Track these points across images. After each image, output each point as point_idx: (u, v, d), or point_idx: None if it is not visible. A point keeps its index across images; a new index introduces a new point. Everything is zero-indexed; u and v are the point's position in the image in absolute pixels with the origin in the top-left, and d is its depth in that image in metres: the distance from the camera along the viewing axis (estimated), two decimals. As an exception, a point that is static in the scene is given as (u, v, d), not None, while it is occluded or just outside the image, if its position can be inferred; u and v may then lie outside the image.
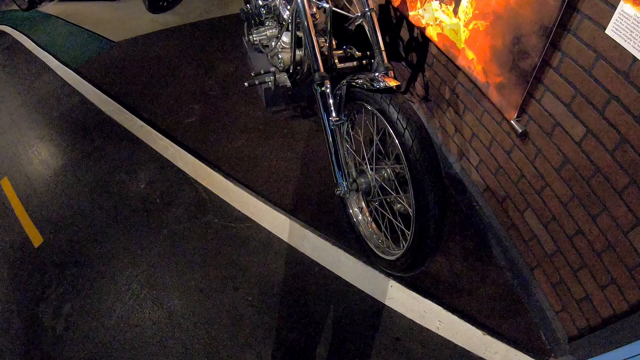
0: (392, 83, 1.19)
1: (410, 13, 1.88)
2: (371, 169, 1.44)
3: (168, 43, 3.05)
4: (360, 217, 1.64)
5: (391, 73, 1.41)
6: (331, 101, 1.37)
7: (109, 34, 3.26)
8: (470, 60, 1.58)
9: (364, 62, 1.94)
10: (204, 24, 3.27)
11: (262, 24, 2.23)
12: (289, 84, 1.94)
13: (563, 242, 1.31)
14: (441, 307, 1.47)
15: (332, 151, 1.39)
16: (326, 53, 1.87)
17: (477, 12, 1.48)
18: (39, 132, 2.39)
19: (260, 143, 2.11)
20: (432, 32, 1.75)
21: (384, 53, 1.43)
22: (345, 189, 1.40)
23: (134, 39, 3.14)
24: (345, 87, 1.33)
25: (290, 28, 1.74)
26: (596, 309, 1.21)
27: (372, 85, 1.21)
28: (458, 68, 1.69)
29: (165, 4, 3.38)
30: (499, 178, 1.63)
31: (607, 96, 1.04)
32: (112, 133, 2.25)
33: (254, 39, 2.25)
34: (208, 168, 2.01)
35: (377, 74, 1.28)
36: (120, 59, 2.93)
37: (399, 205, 1.42)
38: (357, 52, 1.88)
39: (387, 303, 1.49)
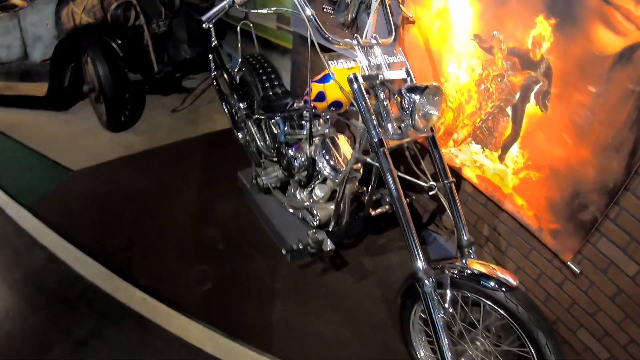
0: (514, 280, 1.20)
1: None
2: (474, 348, 1.39)
3: (141, 174, 2.66)
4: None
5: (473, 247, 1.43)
6: (436, 298, 1.25)
7: (63, 159, 2.73)
8: (520, 205, 1.68)
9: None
10: (177, 148, 2.96)
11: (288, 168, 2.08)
12: (332, 246, 1.80)
13: (616, 350, 1.47)
14: None
15: (444, 348, 1.24)
16: (365, 202, 1.83)
17: (529, 163, 1.60)
18: (2, 303, 1.79)
19: (300, 308, 1.85)
20: (469, 173, 1.83)
21: (466, 227, 1.42)
22: None
23: (96, 167, 2.68)
24: (448, 279, 1.27)
25: (338, 188, 1.66)
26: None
27: (489, 282, 1.20)
28: (501, 209, 1.77)
29: (123, 119, 3.00)
30: (549, 305, 1.72)
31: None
32: (106, 309, 1.76)
33: (263, 182, 2.10)
34: (250, 351, 1.65)
35: (466, 260, 1.29)
36: (85, 196, 2.44)
37: None
38: None
39: None
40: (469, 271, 1.24)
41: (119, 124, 3.00)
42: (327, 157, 1.73)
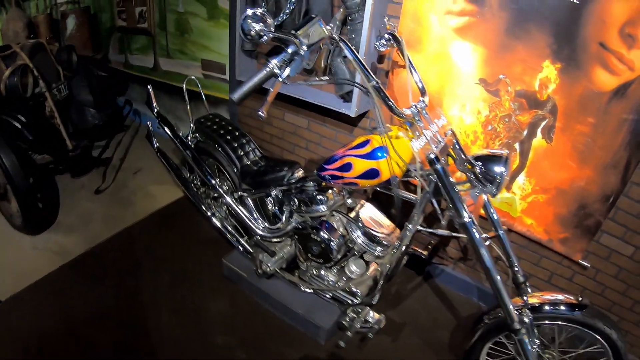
0: (584, 300, 1.36)
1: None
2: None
3: (94, 286, 2.03)
4: None
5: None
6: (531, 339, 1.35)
7: (-19, 285, 1.92)
8: (529, 224, 1.89)
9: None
10: (123, 241, 2.35)
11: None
12: (383, 320, 1.68)
13: (624, 312, 1.84)
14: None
15: None
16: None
17: (537, 188, 1.80)
18: None
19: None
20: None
21: (520, 266, 1.48)
22: None
23: (31, 289, 1.96)
24: (531, 317, 1.36)
25: (390, 261, 1.55)
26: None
27: (566, 308, 1.36)
28: (510, 231, 1.94)
29: (40, 215, 2.29)
30: (562, 298, 1.96)
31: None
32: None
33: (270, 269, 1.88)
34: None
35: (527, 297, 1.41)
36: (31, 333, 1.75)
37: None
38: (423, 253, 1.87)
39: None
40: (543, 303, 1.39)
41: (39, 222, 2.30)
42: (366, 230, 1.59)
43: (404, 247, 1.51)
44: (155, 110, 2.13)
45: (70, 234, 2.35)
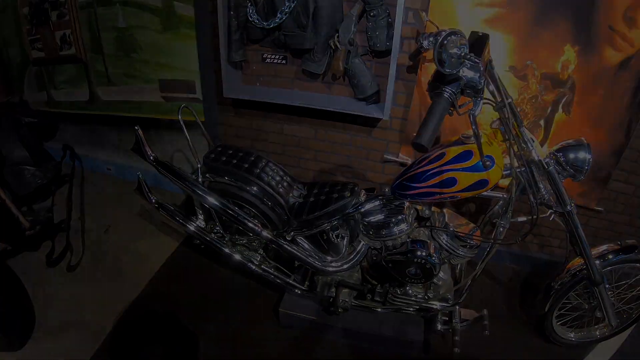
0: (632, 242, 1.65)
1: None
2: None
3: None
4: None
5: None
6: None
7: None
8: (551, 187, 2.10)
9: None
10: (137, 318, 1.92)
11: None
12: (485, 312, 1.70)
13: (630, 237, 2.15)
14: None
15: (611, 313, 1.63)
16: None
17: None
18: None
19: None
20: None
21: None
22: None
23: None
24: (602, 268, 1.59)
25: (481, 261, 1.57)
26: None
27: (622, 253, 1.62)
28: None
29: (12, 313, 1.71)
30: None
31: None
32: None
33: (349, 303, 1.76)
34: None
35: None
36: None
37: None
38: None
39: None
40: (602, 255, 1.65)
41: (18, 327, 1.71)
42: (455, 235, 1.56)
43: (498, 244, 1.56)
44: (151, 157, 1.73)
45: (66, 332, 1.81)
